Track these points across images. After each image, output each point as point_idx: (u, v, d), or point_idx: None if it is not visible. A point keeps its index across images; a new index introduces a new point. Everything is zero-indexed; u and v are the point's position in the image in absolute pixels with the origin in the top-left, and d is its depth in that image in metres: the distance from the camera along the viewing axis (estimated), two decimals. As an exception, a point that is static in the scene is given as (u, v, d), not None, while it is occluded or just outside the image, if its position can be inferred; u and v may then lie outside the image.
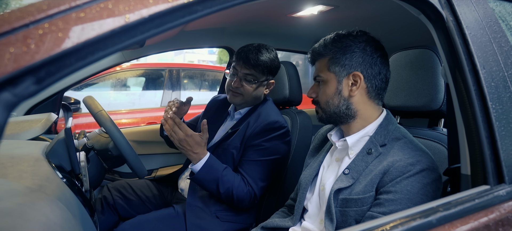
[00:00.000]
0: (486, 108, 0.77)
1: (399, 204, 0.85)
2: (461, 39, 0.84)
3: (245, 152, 1.50)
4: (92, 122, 3.10)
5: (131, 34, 0.48)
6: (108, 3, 0.48)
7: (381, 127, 1.02)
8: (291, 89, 1.74)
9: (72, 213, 0.89)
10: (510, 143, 0.76)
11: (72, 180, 1.00)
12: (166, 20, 0.51)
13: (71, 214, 0.88)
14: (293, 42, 2.26)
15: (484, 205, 0.66)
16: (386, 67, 1.05)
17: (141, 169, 1.34)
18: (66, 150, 1.04)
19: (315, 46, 1.08)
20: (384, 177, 0.90)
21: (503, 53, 0.86)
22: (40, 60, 0.41)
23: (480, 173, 0.74)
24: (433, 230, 0.57)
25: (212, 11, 0.56)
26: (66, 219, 0.83)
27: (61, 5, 0.45)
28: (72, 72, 0.44)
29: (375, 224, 0.56)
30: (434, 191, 0.87)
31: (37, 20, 0.43)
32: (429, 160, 0.91)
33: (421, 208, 0.62)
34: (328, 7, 1.56)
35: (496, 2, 1.02)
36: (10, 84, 0.39)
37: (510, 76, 0.84)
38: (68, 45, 0.43)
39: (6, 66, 0.39)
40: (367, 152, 0.98)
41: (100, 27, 0.46)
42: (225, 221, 1.50)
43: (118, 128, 1.30)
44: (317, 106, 1.09)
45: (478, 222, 0.62)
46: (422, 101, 1.19)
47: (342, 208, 0.94)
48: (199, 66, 4.96)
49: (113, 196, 1.67)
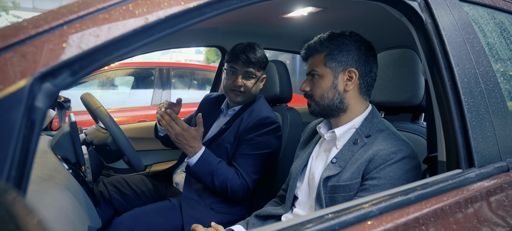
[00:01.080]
0: (459, 102, 0.86)
1: (382, 188, 0.93)
2: (438, 40, 0.93)
3: (239, 146, 1.56)
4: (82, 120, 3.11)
5: (150, 33, 0.55)
6: (129, 5, 0.55)
7: (366, 120, 1.10)
8: (282, 87, 1.81)
9: (79, 201, 0.95)
10: (480, 132, 0.85)
11: (78, 171, 1.05)
12: (180, 21, 0.58)
13: (78, 202, 0.93)
14: (283, 42, 2.35)
15: (456, 185, 0.75)
16: (376, 66, 1.14)
17: (139, 163, 1.40)
18: (71, 143, 1.09)
19: (310, 43, 1.15)
20: (369, 165, 0.98)
21: (475, 53, 0.96)
22: (75, 56, 0.47)
23: (454, 159, 0.84)
24: (412, 206, 0.66)
25: (218, 13, 0.63)
26: (75, 207, 0.88)
27: (90, 7, 0.51)
28: (101, 66, 0.50)
29: (361, 201, 0.64)
30: (414, 177, 0.97)
31: (70, 20, 0.49)
32: (410, 148, 1.00)
33: (402, 188, 0.70)
34: (317, 9, 1.64)
35: (470, 6, 1.12)
36: (51, 76, 0.45)
37: (481, 73, 0.94)
38: (98, 43, 0.49)
39: (48, 61, 0.45)
40: (353, 142, 1.06)
41: (124, 26, 0.52)
42: (219, 212, 1.56)
43: (117, 124, 1.35)
44: (309, 100, 1.16)
45: (451, 200, 0.71)
46: (404, 97, 1.28)
47: (331, 194, 1.02)
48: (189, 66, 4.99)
49: (109, 190, 1.71)
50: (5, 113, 0.41)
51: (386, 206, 0.63)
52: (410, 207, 0.66)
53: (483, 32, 1.08)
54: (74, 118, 1.15)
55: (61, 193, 0.84)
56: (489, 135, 0.87)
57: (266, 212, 1.25)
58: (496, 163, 0.85)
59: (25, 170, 0.41)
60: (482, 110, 0.88)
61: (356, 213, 0.60)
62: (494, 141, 0.87)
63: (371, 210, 0.61)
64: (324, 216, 0.58)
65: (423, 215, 0.65)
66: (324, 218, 0.58)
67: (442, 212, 0.68)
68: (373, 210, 0.61)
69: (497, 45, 1.11)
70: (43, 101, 0.44)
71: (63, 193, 0.86)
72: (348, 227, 0.57)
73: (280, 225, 0.54)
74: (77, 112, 3.13)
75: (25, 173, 0.41)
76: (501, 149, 0.88)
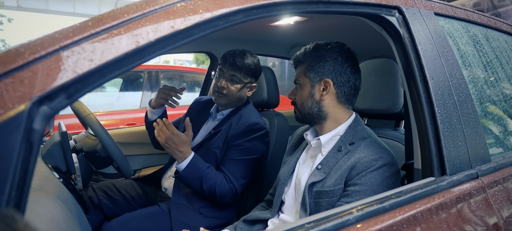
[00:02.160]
0: (433, 113, 0.92)
1: (363, 194, 0.99)
2: (414, 53, 0.98)
3: (228, 151, 1.60)
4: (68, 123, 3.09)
5: (141, 55, 0.58)
6: (121, 29, 0.58)
7: (350, 127, 1.16)
8: (269, 92, 1.86)
9: (70, 210, 0.97)
10: (452, 141, 0.91)
11: (68, 180, 1.07)
12: (169, 43, 0.61)
13: (69, 211, 0.96)
14: (271, 48, 2.39)
15: (429, 193, 0.81)
16: (356, 76, 1.18)
17: (128, 169, 1.42)
18: (62, 152, 1.11)
19: (296, 54, 1.22)
20: (352, 172, 1.04)
21: (448, 66, 1.02)
22: (70, 80, 0.50)
23: (428, 167, 0.89)
24: (386, 214, 0.71)
25: (206, 33, 0.67)
26: (66, 216, 0.91)
27: (84, 32, 0.55)
28: (94, 88, 0.53)
29: (340, 210, 0.69)
30: (393, 183, 1.02)
31: (66, 45, 0.52)
32: (390, 156, 1.06)
33: (377, 196, 0.75)
34: (303, 18, 1.70)
35: (446, 19, 1.18)
36: (48, 99, 0.48)
37: (454, 85, 1.00)
38: (92, 66, 0.52)
39: (45, 86, 0.48)
40: (337, 150, 1.12)
41: (117, 50, 0.55)
42: (208, 217, 1.59)
43: (106, 130, 1.38)
44: (295, 107, 1.22)
45: (423, 207, 0.77)
46: (385, 105, 1.34)
47: (315, 199, 1.07)
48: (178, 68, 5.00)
49: (98, 196, 1.72)
50: (5, 137, 0.44)
51: (363, 214, 0.68)
52: (385, 214, 0.71)
53: (457, 45, 1.14)
54: (64, 127, 1.17)
55: (52, 203, 0.86)
56: (461, 144, 0.93)
57: (254, 216, 1.29)
58: (466, 171, 0.91)
59: (24, 190, 0.44)
60: (454, 120, 0.94)
61: (334, 222, 0.64)
62: (465, 150, 0.93)
63: (349, 218, 0.66)
64: (305, 225, 0.63)
65: (397, 222, 0.70)
66: (304, 227, 0.62)
67: (414, 219, 0.73)
68: (350, 219, 0.66)
69: (470, 57, 1.18)
70: (40, 123, 0.48)
71: (54, 203, 0.88)
72: (327, 235, 0.62)
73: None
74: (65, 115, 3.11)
75: (24, 193, 0.44)
76: (471, 157, 0.94)
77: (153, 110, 1.79)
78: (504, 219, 0.91)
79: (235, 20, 0.71)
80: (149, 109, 1.80)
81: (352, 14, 0.96)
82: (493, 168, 0.99)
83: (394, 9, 1.00)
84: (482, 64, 1.23)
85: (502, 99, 1.31)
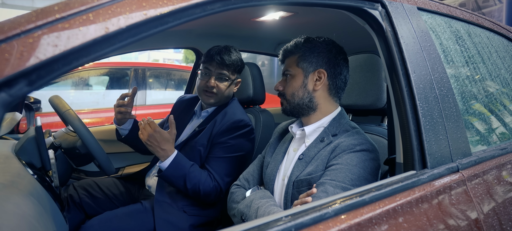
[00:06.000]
0: (415, 107, 0.92)
1: (340, 171, 0.99)
2: (397, 48, 0.98)
3: (212, 149, 1.57)
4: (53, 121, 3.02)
5: (111, 42, 0.56)
6: (90, 15, 0.55)
7: (334, 120, 1.16)
8: (255, 89, 1.84)
9: (43, 207, 0.93)
10: (433, 135, 0.91)
11: (43, 177, 1.04)
12: (141, 30, 0.59)
13: (43, 208, 0.92)
14: (257, 44, 2.38)
15: (409, 186, 0.80)
16: (346, 70, 1.20)
17: (109, 166, 1.38)
18: (37, 148, 1.07)
19: (286, 46, 1.22)
20: (331, 155, 1.05)
21: (431, 60, 1.02)
22: (32, 66, 0.48)
23: (409, 160, 0.89)
24: (366, 207, 0.70)
25: (181, 22, 0.64)
26: (39, 213, 0.87)
27: (49, 16, 0.52)
28: (59, 75, 0.51)
29: (319, 203, 0.68)
30: (371, 168, 1.02)
31: (28, 30, 0.50)
32: (371, 144, 1.06)
33: (358, 189, 0.74)
34: (289, 13, 1.69)
35: (429, 15, 1.19)
36: (6, 86, 0.46)
37: (435, 79, 1.00)
38: (56, 52, 0.50)
39: (3, 71, 0.45)
40: (320, 140, 1.12)
41: (84, 36, 0.53)
42: (192, 215, 1.56)
43: (86, 126, 1.34)
44: (282, 99, 1.22)
45: (403, 200, 0.76)
46: (369, 100, 1.34)
47: (297, 188, 1.06)
48: (165, 66, 4.94)
49: (79, 194, 1.68)
50: (-43, 124, 0.41)
51: (341, 207, 0.67)
52: (365, 208, 0.70)
53: (439, 40, 1.14)
54: (40, 122, 1.13)
55: (24, 200, 0.83)
56: (442, 137, 0.93)
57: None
58: (447, 164, 0.91)
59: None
60: (436, 114, 0.94)
61: (312, 215, 0.63)
62: (446, 143, 0.93)
63: (327, 211, 0.65)
64: (282, 218, 0.61)
65: (376, 215, 0.69)
66: (282, 220, 0.60)
67: (394, 211, 0.72)
68: (329, 211, 0.65)
69: (452, 52, 1.18)
70: (-2, 111, 0.45)
71: (26, 200, 0.84)
72: (304, 229, 0.60)
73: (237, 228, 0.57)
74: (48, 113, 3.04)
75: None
76: (452, 151, 0.94)
77: (120, 127, 1.74)
78: (483, 211, 0.91)
79: (213, 9, 0.69)
80: (117, 127, 1.76)
81: (335, 7, 0.95)
82: (474, 162, 0.99)
83: (377, 2, 0.99)
84: (464, 60, 1.24)
85: (483, 94, 1.32)
